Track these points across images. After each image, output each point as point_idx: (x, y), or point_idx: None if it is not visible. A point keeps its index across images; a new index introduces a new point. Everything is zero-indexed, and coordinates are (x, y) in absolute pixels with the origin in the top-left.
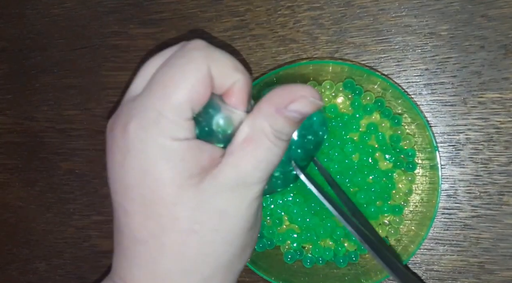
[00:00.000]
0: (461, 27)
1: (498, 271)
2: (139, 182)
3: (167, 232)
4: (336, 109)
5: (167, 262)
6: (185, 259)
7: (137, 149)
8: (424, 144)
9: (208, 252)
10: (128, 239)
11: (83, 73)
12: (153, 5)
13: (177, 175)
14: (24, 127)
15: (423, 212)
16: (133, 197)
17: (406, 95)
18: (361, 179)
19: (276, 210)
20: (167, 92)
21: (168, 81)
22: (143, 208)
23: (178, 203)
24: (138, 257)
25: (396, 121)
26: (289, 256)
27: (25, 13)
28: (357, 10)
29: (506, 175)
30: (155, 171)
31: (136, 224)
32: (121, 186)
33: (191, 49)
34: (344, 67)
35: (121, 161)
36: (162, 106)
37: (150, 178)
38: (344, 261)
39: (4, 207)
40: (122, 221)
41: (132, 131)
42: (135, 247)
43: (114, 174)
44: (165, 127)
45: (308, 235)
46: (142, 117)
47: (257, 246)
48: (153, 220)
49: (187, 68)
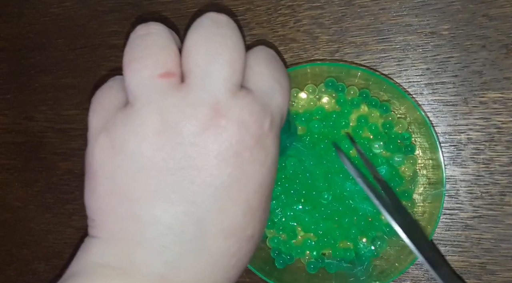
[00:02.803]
0: (462, 27)
1: (500, 271)
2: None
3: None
4: (323, 110)
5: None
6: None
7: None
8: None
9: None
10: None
11: (83, 73)
12: (153, 5)
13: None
14: (23, 127)
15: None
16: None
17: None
18: (364, 172)
19: (288, 223)
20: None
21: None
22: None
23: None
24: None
25: (385, 109)
26: (312, 266)
27: (24, 13)
28: (358, 9)
29: (507, 175)
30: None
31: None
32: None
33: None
34: (322, 67)
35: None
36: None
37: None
38: (366, 258)
39: (3, 207)
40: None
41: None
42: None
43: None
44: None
45: (325, 240)
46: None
47: (278, 262)
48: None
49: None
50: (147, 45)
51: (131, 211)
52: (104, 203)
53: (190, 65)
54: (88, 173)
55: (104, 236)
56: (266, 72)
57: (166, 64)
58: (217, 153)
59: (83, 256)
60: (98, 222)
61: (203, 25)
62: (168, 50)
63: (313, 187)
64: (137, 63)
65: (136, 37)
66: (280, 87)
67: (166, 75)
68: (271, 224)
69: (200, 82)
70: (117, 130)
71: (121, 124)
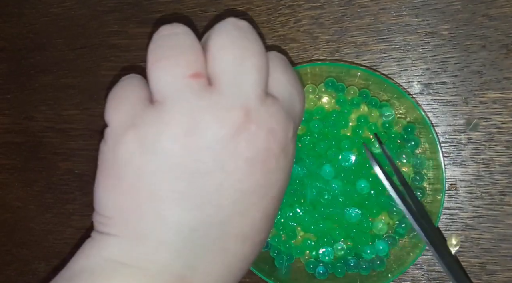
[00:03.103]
0: (462, 27)
1: (500, 271)
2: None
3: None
4: (323, 110)
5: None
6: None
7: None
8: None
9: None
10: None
11: (83, 73)
12: (153, 5)
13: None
14: (23, 127)
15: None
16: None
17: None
18: (365, 172)
19: (288, 223)
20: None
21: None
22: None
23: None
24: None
25: (385, 109)
26: (311, 266)
27: (24, 13)
28: (358, 9)
29: (507, 175)
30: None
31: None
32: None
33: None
34: (322, 67)
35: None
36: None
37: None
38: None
39: (3, 207)
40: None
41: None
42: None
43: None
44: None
45: (325, 240)
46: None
47: (278, 263)
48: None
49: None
50: (176, 44)
51: (156, 211)
52: (127, 201)
53: (218, 70)
54: (108, 169)
55: (123, 234)
56: (285, 79)
57: (196, 64)
58: (247, 159)
59: (97, 253)
60: (116, 219)
61: (226, 30)
62: (197, 50)
63: (313, 187)
64: (168, 60)
65: (161, 37)
66: (298, 94)
67: (197, 76)
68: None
69: (231, 87)
70: (147, 128)
71: (151, 122)
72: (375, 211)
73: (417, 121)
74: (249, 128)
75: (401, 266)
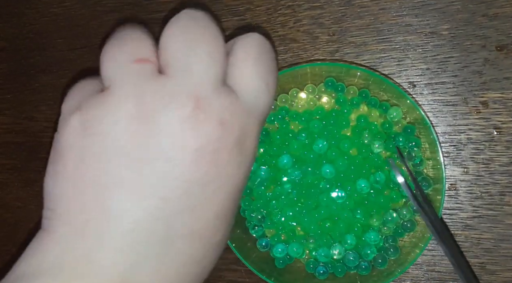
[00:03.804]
0: (462, 27)
1: (500, 272)
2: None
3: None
4: (323, 110)
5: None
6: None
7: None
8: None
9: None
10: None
11: (83, 73)
12: (153, 5)
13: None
14: (23, 127)
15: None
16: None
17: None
18: (365, 171)
19: (288, 223)
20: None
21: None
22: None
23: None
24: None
25: (384, 108)
26: (311, 266)
27: (24, 12)
28: (358, 9)
29: (507, 175)
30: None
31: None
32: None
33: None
34: (322, 67)
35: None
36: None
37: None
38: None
39: (3, 207)
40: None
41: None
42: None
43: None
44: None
45: (325, 241)
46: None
47: (277, 262)
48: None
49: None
50: (122, 36)
51: (98, 200)
52: (69, 188)
53: (168, 57)
54: (54, 156)
55: (63, 231)
56: (254, 70)
57: (142, 51)
58: (194, 148)
59: (35, 254)
60: (58, 212)
61: (177, 20)
62: (144, 41)
63: (313, 187)
64: (113, 48)
65: (112, 35)
66: (267, 87)
67: (142, 60)
68: (271, 224)
69: (179, 73)
70: (90, 111)
71: (95, 105)
72: (375, 210)
73: (417, 121)
74: (197, 116)
75: (401, 266)
